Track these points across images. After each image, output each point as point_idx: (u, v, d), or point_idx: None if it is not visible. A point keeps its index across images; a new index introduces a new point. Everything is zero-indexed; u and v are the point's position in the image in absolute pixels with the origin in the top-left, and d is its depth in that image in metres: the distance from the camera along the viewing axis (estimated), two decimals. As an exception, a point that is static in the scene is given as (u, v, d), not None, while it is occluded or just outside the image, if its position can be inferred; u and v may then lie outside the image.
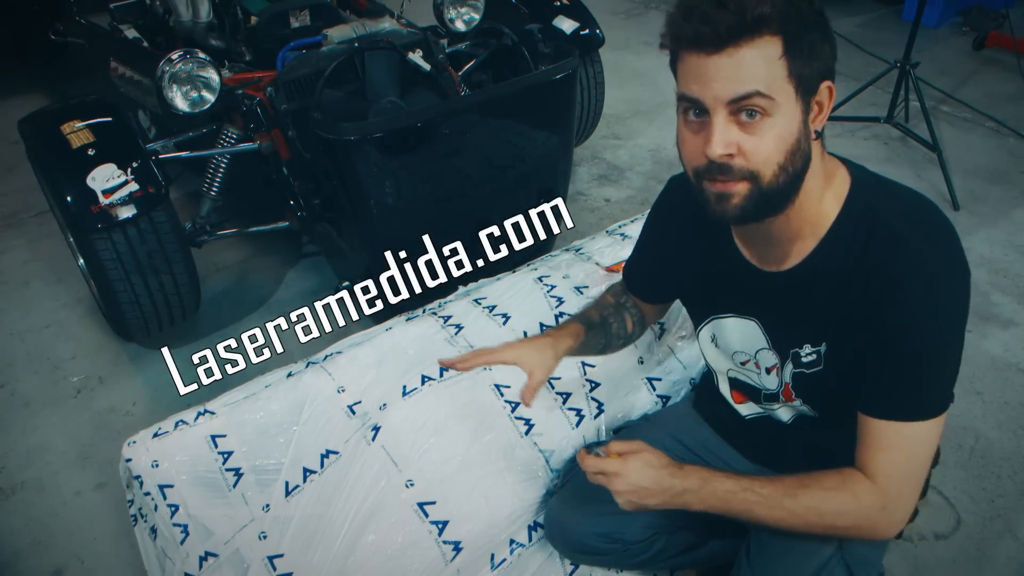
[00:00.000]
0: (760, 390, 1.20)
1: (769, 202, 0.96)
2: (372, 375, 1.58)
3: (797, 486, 1.02)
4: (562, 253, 2.00)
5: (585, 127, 3.05)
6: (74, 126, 2.01)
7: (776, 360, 1.14)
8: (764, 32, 0.88)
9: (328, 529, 1.36)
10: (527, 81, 2.15)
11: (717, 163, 0.93)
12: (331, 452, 1.46)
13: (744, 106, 0.90)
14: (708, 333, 1.24)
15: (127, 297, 2.08)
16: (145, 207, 1.97)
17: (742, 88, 0.89)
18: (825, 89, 0.95)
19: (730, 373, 1.25)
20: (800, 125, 0.93)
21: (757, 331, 1.15)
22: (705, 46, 0.89)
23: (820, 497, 1.01)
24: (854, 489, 1.01)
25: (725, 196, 0.95)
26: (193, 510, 1.42)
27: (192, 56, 2.08)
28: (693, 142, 0.95)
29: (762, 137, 0.91)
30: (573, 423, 1.51)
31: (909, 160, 3.17)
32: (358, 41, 2.21)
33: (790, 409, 1.18)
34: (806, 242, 1.03)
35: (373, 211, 2.03)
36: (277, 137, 2.20)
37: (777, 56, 0.89)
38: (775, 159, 0.93)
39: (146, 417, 2.05)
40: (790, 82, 0.90)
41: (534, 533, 1.43)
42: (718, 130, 0.91)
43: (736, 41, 0.88)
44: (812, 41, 0.91)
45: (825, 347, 1.06)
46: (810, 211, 1.01)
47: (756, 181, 0.93)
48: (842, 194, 1.02)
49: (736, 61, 0.89)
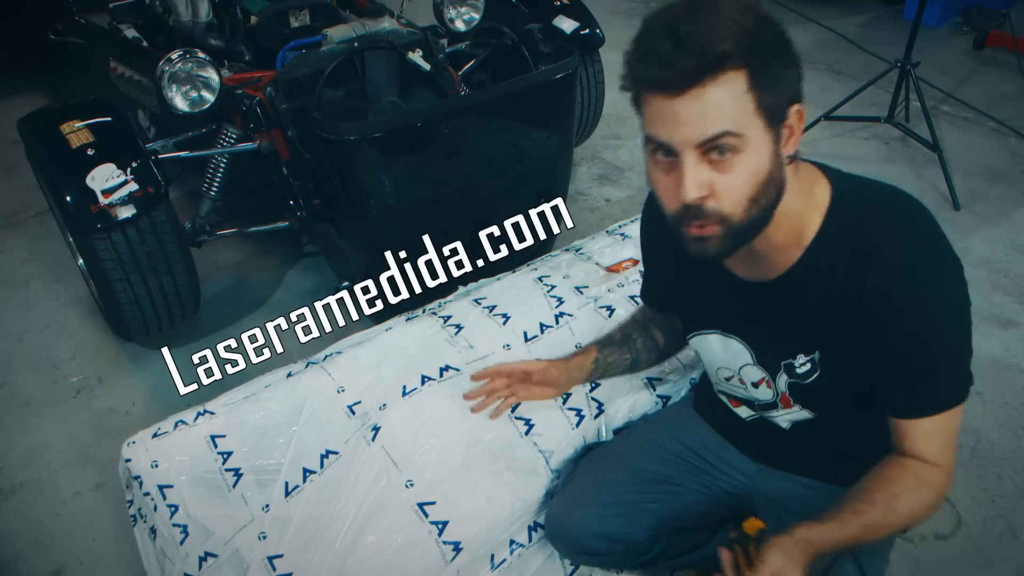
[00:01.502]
0: (752, 401, 1.20)
1: (745, 236, 0.96)
2: (372, 375, 1.58)
3: (890, 498, 1.02)
4: (562, 253, 2.00)
5: (585, 127, 3.05)
6: (73, 126, 2.00)
7: (764, 374, 1.14)
8: (727, 68, 0.85)
9: (328, 529, 1.36)
10: (527, 81, 2.15)
11: (692, 207, 0.91)
12: (331, 452, 1.45)
13: (714, 145, 0.88)
14: (695, 347, 1.25)
15: (127, 297, 2.08)
16: (145, 207, 1.97)
17: (711, 129, 0.87)
18: (795, 113, 0.92)
19: (718, 386, 1.25)
20: (771, 155, 0.91)
21: (740, 347, 1.14)
22: (667, 89, 0.86)
23: (913, 499, 1.02)
24: (931, 480, 1.03)
25: (702, 239, 0.94)
26: (193, 510, 1.41)
27: (192, 56, 2.08)
28: (665, 184, 0.94)
29: (734, 174, 0.89)
30: (573, 423, 1.51)
31: (909, 160, 3.17)
32: (358, 41, 2.21)
33: (789, 415, 1.18)
34: (791, 252, 1.03)
35: (373, 211, 2.03)
36: (277, 137, 2.20)
37: (743, 90, 0.86)
38: (747, 195, 0.91)
39: (145, 417, 2.05)
40: (759, 115, 0.88)
41: (534, 533, 1.43)
42: (689, 173, 0.89)
43: (700, 81, 0.85)
44: (776, 69, 0.88)
45: (819, 354, 1.06)
46: (791, 227, 1.00)
47: (728, 223, 0.92)
48: (823, 204, 1.01)
49: (701, 103, 0.86)
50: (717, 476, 1.31)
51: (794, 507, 1.20)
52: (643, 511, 1.30)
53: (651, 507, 1.30)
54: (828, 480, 1.20)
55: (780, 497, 1.24)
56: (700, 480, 1.32)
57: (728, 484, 1.31)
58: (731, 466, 1.30)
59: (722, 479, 1.31)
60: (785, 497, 1.24)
